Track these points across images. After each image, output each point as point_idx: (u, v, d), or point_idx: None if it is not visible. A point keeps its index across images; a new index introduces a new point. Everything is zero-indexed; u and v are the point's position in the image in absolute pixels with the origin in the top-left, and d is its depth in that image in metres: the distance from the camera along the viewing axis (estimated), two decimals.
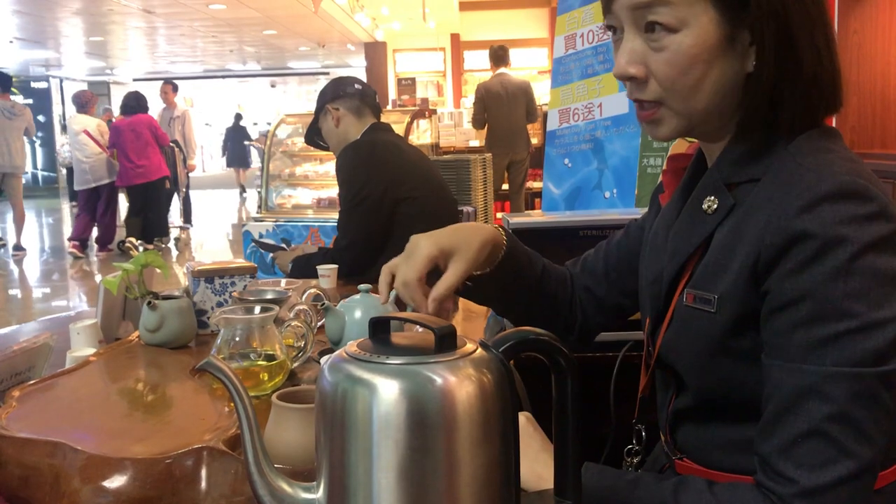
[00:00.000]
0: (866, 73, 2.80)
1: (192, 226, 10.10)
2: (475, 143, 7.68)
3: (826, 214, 0.78)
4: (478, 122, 7.19)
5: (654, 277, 1.00)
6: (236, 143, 17.42)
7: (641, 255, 1.10)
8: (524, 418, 1.02)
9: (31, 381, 1.25)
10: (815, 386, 0.77)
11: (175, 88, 9.96)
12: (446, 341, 0.73)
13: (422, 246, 1.02)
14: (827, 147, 0.87)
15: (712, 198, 0.91)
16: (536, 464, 0.94)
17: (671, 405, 0.99)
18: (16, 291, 7.19)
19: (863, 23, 2.79)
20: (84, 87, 16.15)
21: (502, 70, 7.24)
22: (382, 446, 0.69)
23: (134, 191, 8.64)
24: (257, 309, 1.33)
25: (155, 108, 9.50)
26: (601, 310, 1.21)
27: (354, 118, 2.86)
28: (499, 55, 7.25)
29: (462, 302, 2.27)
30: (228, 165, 17.99)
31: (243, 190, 16.38)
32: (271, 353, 1.30)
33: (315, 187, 6.32)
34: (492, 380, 0.72)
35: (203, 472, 0.94)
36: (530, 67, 11.70)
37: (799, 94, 0.87)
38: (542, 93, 10.96)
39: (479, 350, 0.74)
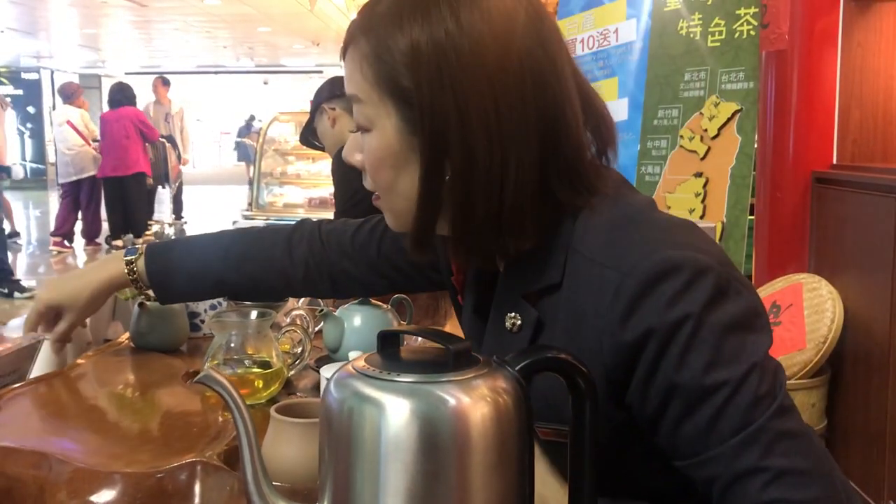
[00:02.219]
0: (869, 86, 2.78)
1: (185, 221, 10.02)
2: None
3: (650, 309, 0.74)
4: None
5: None
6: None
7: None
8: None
9: (16, 385, 1.21)
10: (731, 466, 0.74)
11: (165, 83, 9.87)
12: (461, 358, 0.69)
13: (35, 301, 1.30)
14: (611, 225, 0.81)
15: (513, 314, 0.85)
16: (544, 488, 0.89)
17: None
18: None
19: (867, 36, 2.76)
20: (75, 79, 16.01)
21: None
22: (391, 469, 0.65)
23: (111, 184, 8.53)
24: (253, 313, 1.28)
25: (143, 102, 9.43)
26: (360, 287, 1.26)
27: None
28: None
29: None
30: (239, 160, 18.58)
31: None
32: (267, 359, 1.25)
33: (307, 186, 6.28)
34: (508, 401, 0.68)
35: (197, 488, 0.90)
36: None
37: (466, 229, 0.81)
38: None
39: (495, 368, 0.70)
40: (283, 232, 1.25)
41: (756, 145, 2.76)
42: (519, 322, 0.84)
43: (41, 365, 1.32)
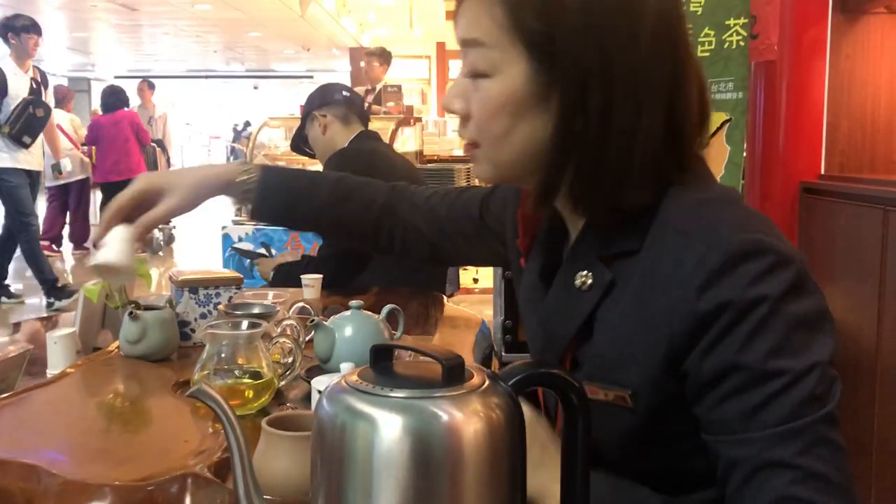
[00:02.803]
0: (857, 97, 2.80)
1: (174, 226, 9.98)
2: (459, 152, 7.66)
3: (731, 284, 0.74)
4: None
5: (540, 349, 0.93)
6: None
7: (521, 310, 1.04)
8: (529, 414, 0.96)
9: (4, 395, 1.20)
10: (765, 453, 0.74)
11: (151, 86, 9.84)
12: (454, 373, 0.69)
13: (135, 181, 1.14)
14: (699, 198, 0.82)
15: (586, 273, 0.84)
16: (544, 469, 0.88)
17: None
18: None
19: (854, 47, 2.79)
20: (64, 82, 15.93)
21: None
22: (383, 485, 0.65)
23: (110, 189, 8.50)
24: (244, 324, 1.28)
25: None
26: (431, 253, 1.25)
27: (341, 126, 2.82)
28: None
29: (448, 308, 2.24)
30: None
31: None
32: (258, 370, 1.25)
33: None
34: (501, 416, 0.68)
35: (187, 501, 0.89)
36: None
37: (622, 164, 0.80)
38: None
39: (488, 383, 0.70)
40: (383, 186, 1.28)
41: (745, 155, 2.77)
42: (590, 281, 0.84)
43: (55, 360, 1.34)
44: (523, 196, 0.99)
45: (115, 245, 1.07)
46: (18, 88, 5.62)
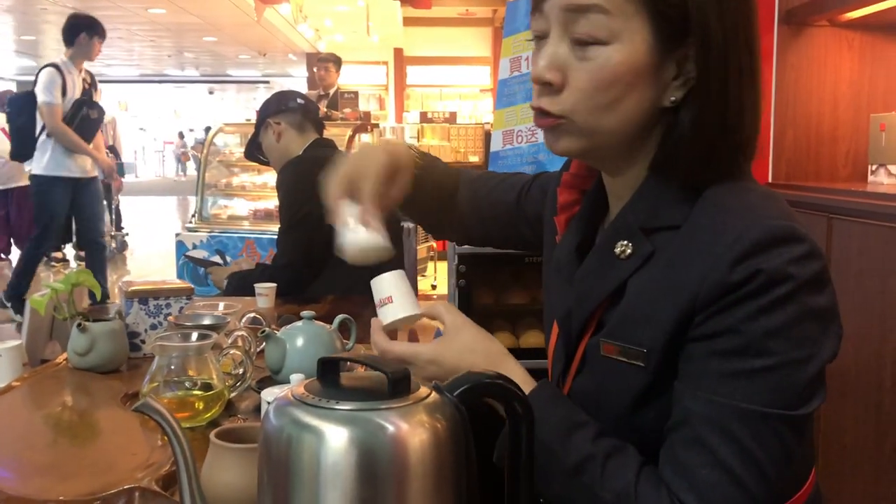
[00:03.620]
0: (802, 107, 2.87)
1: (126, 232, 9.82)
2: None
3: (764, 259, 0.77)
4: None
5: (563, 316, 0.96)
6: None
7: (545, 283, 1.08)
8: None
9: None
10: (722, 420, 0.77)
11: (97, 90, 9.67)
12: (399, 385, 0.70)
13: (370, 156, 1.06)
14: (743, 186, 0.85)
15: (626, 242, 0.87)
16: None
17: None
18: None
19: (800, 58, 2.86)
20: (13, 86, 15.61)
21: None
22: (330, 497, 0.65)
23: None
24: (194, 335, 1.27)
25: None
26: (462, 228, 1.27)
27: (296, 133, 2.81)
28: None
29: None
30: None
31: None
32: (208, 381, 1.24)
33: (252, 198, 6.21)
34: (446, 427, 0.69)
35: None
36: (472, 85, 11.76)
37: (716, 142, 0.84)
38: (485, 111, 11.03)
39: (434, 395, 0.71)
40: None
41: None
42: (629, 251, 0.86)
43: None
44: (565, 176, 1.03)
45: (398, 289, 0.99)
46: (74, 89, 5.15)
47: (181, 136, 20.55)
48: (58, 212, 5.15)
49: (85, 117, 5.15)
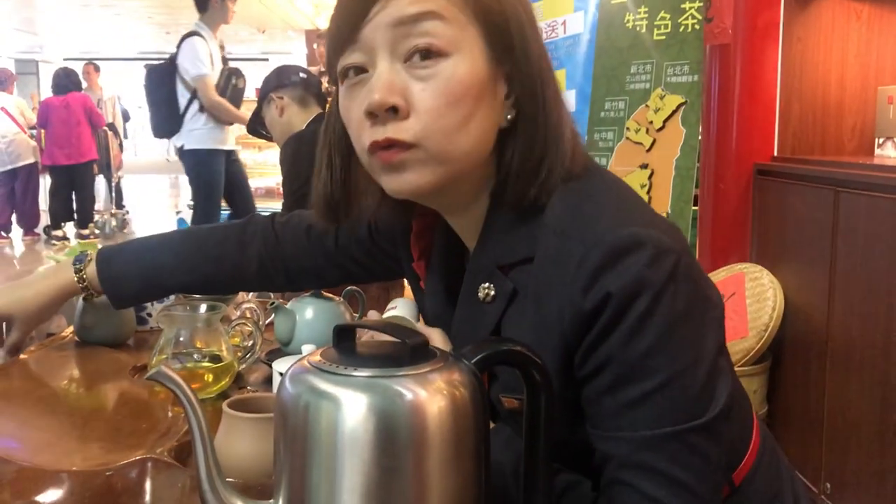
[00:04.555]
0: (808, 80, 2.85)
1: (127, 211, 9.80)
2: None
3: (611, 279, 0.74)
4: None
5: None
6: None
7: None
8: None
9: None
10: (632, 454, 0.74)
11: (97, 69, 9.63)
12: (417, 352, 0.69)
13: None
14: (579, 197, 0.81)
15: (488, 284, 0.84)
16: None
17: None
18: None
19: (806, 31, 2.83)
20: (11, 64, 15.53)
21: None
22: (347, 465, 0.65)
23: (59, 172, 8.33)
24: (202, 307, 1.26)
25: None
26: (311, 275, 1.22)
27: (298, 108, 2.80)
28: None
29: (409, 290, 2.24)
30: None
31: None
32: (217, 353, 1.24)
33: (253, 175, 6.19)
34: (465, 394, 0.68)
35: (147, 486, 0.88)
36: None
37: (546, 155, 0.81)
38: None
39: (451, 361, 0.70)
40: (233, 227, 1.23)
41: (700, 137, 2.81)
42: (493, 293, 0.83)
43: None
44: (416, 218, 0.98)
45: None
46: (215, 57, 4.75)
47: None
48: (220, 182, 4.82)
49: (234, 87, 4.81)
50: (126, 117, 15.41)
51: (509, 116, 0.82)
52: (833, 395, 2.38)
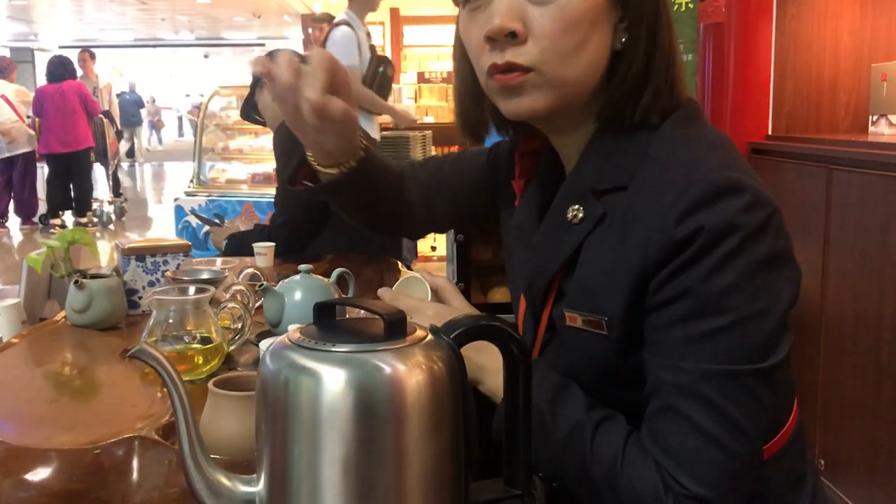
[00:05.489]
0: (802, 59, 2.84)
1: (125, 198, 9.80)
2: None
3: (708, 214, 0.76)
4: None
5: (526, 284, 0.95)
6: None
7: (505, 251, 1.06)
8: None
9: None
10: (691, 384, 0.77)
11: (93, 56, 9.60)
12: (395, 328, 0.70)
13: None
14: (687, 136, 0.84)
15: (577, 206, 0.86)
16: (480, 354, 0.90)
17: None
18: None
19: (800, 9, 2.82)
20: (6, 52, 15.46)
21: None
22: (327, 438, 0.65)
23: (56, 160, 8.32)
24: (192, 289, 1.27)
25: None
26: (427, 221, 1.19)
27: None
28: None
29: (403, 274, 2.24)
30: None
31: None
32: (207, 335, 1.24)
33: (250, 161, 6.18)
34: (443, 368, 0.69)
35: (134, 463, 0.89)
36: None
37: (663, 80, 0.85)
38: None
39: (430, 337, 0.71)
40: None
41: None
42: (581, 215, 0.86)
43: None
44: (522, 138, 1.01)
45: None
46: (363, 46, 4.53)
47: (153, 100, 19.63)
48: None
49: (383, 75, 4.66)
50: (140, 104, 15.22)
51: (623, 40, 0.85)
52: (827, 372, 2.39)
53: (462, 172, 1.16)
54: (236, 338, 1.35)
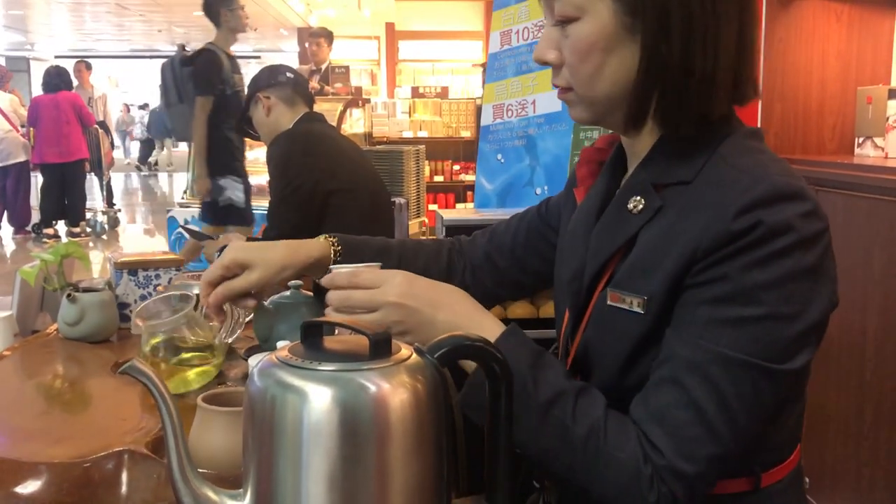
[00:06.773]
0: (790, 80, 2.88)
1: (118, 209, 9.80)
2: (408, 133, 7.65)
3: (768, 212, 0.79)
4: None
5: (573, 275, 0.98)
6: None
7: (558, 253, 1.10)
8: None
9: None
10: (703, 363, 0.79)
11: (88, 67, 9.62)
12: (381, 347, 0.72)
13: (223, 255, 1.13)
14: (755, 147, 0.88)
15: (638, 198, 0.90)
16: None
17: None
18: None
19: (788, 31, 2.86)
20: (1, 61, 15.48)
21: None
22: (313, 455, 0.67)
23: (49, 170, 8.32)
24: (173, 300, 1.28)
25: None
26: (500, 282, 1.25)
27: (286, 107, 2.81)
28: None
29: None
30: None
31: None
32: (203, 340, 1.26)
33: None
34: (426, 387, 0.71)
35: (124, 477, 0.90)
36: (465, 60, 11.69)
37: (685, 90, 0.86)
38: (477, 86, 10.98)
39: (414, 356, 0.73)
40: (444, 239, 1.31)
41: None
42: (641, 206, 0.89)
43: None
44: (584, 151, 1.08)
45: None
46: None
47: (126, 109, 19.23)
48: None
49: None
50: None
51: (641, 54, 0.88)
52: (811, 391, 2.41)
53: (513, 228, 1.25)
54: (231, 328, 1.37)
